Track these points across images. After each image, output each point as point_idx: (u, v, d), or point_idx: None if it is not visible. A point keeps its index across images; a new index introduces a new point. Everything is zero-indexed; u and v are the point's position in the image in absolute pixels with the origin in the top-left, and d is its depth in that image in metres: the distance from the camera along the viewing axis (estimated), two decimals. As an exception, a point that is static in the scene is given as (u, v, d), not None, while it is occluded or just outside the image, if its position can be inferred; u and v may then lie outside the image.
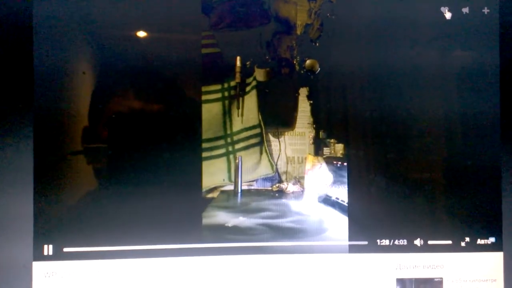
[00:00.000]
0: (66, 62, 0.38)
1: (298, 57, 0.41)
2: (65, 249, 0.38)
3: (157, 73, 0.39)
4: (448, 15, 0.41)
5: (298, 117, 0.41)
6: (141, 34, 0.39)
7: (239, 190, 0.41)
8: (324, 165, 0.41)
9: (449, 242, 0.41)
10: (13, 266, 0.37)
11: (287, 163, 0.41)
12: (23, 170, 0.37)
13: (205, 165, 0.39)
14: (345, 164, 0.41)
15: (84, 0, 0.38)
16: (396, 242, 0.40)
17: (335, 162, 0.41)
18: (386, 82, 0.41)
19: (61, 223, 0.38)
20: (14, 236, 0.37)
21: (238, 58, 0.40)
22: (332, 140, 0.41)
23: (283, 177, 0.41)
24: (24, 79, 0.37)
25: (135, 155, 0.39)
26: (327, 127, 0.41)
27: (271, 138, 0.41)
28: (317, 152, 0.41)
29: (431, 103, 0.41)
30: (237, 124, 0.41)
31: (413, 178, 0.41)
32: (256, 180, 0.41)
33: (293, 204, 0.41)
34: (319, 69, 0.40)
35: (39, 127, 0.37)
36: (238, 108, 0.40)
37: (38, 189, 0.37)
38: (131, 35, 0.39)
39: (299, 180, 0.41)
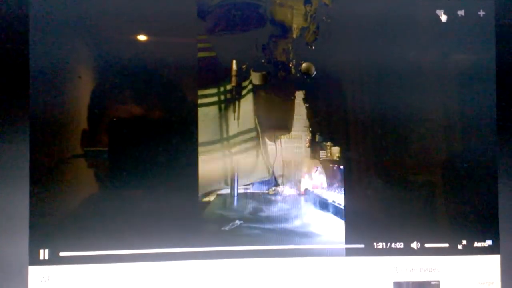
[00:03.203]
0: (62, 66, 0.38)
1: (294, 61, 0.41)
2: (61, 254, 0.38)
3: (153, 76, 0.39)
4: (443, 18, 0.41)
5: (294, 120, 0.41)
6: (137, 38, 0.39)
7: (236, 194, 0.41)
8: (320, 168, 0.41)
9: (446, 245, 0.40)
10: (9, 270, 0.37)
11: (284, 167, 0.41)
12: (19, 174, 0.37)
13: (202, 168, 0.39)
14: (342, 167, 0.41)
15: (81, 4, 0.38)
16: (393, 245, 0.40)
17: (331, 165, 0.41)
18: (382, 85, 0.41)
19: (57, 228, 0.38)
20: (10, 240, 0.37)
21: (234, 61, 0.40)
22: (328, 143, 0.41)
23: (280, 181, 0.41)
24: (20, 82, 0.37)
25: (131, 159, 0.39)
26: (323, 130, 0.41)
27: (267, 141, 0.41)
28: (314, 155, 0.41)
29: (427, 106, 0.41)
30: (233, 127, 0.40)
31: (410, 181, 0.41)
32: (252, 184, 0.41)
33: (289, 207, 0.41)
34: (315, 72, 0.40)
35: (34, 131, 0.37)
36: (234, 111, 0.40)
37: (34, 193, 0.37)
38: (128, 39, 0.39)
39: (295, 183, 0.41)
